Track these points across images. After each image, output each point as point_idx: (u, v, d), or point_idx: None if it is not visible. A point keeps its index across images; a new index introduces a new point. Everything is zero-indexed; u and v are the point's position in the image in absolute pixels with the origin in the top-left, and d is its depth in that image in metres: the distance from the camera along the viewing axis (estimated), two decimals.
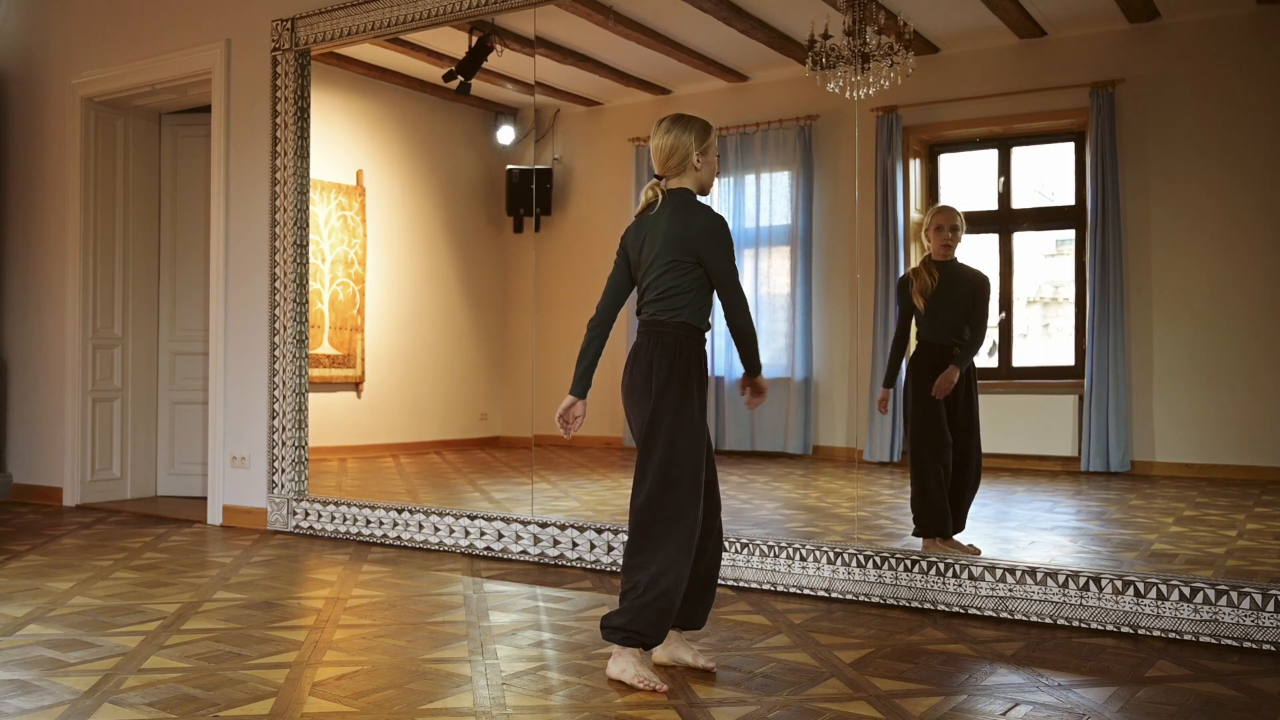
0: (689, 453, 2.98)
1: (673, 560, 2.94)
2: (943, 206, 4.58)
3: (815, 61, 4.85)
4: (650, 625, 2.94)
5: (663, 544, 2.95)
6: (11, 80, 7.19)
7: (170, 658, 3.21)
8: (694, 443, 2.99)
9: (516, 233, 6.91)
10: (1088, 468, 4.69)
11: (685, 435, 2.98)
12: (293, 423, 5.61)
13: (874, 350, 5.16)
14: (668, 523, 2.96)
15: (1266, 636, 3.30)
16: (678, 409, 2.98)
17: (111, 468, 6.84)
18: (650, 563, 2.95)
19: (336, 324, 6.47)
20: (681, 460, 2.97)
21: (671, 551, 2.94)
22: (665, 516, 2.96)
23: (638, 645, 2.96)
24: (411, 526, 5.18)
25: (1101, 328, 4.65)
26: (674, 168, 3.09)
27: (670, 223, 3.03)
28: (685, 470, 2.97)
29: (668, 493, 2.97)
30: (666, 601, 2.93)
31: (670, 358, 3.00)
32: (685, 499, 2.97)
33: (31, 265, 7.00)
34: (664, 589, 2.92)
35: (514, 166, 6.85)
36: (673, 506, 2.97)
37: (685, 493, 2.97)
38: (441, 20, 5.22)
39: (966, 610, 3.77)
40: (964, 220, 4.46)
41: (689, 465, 2.98)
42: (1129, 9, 4.55)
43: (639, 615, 2.93)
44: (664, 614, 2.94)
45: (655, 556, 2.95)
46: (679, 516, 2.96)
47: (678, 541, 2.95)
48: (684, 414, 2.99)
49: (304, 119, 5.68)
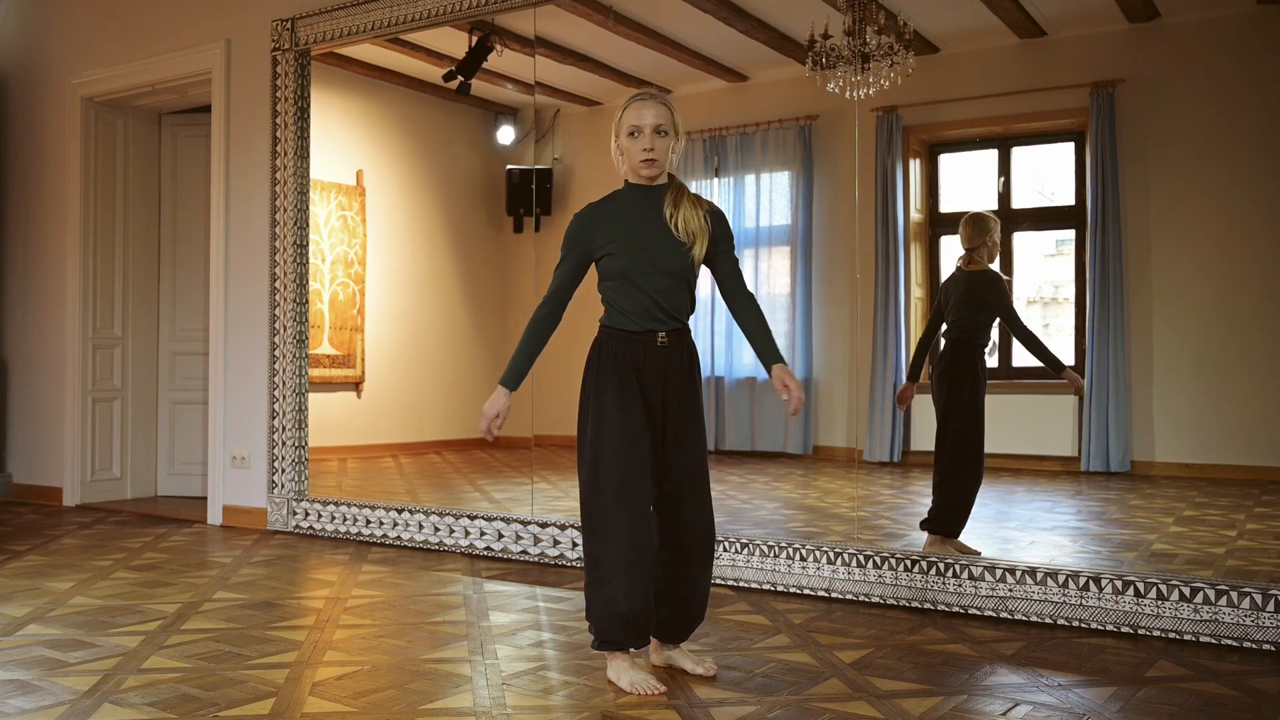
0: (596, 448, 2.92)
1: (603, 558, 2.88)
2: (966, 216, 4.59)
3: (815, 61, 4.85)
4: (607, 629, 2.90)
5: (589, 540, 2.93)
6: (11, 80, 7.19)
7: (170, 658, 3.21)
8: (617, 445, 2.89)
9: (516, 233, 6.90)
10: (1088, 468, 4.69)
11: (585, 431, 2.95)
12: (293, 423, 5.61)
13: (874, 350, 5.16)
14: (591, 531, 2.93)
15: (1266, 636, 3.30)
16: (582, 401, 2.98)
17: (111, 468, 6.84)
18: (589, 567, 2.94)
19: (336, 324, 6.47)
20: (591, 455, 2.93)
21: (599, 548, 2.89)
22: (589, 525, 2.93)
23: (612, 648, 2.93)
24: (411, 526, 5.18)
25: (1101, 328, 4.65)
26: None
27: None
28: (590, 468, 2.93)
29: (586, 490, 2.94)
30: (613, 610, 2.87)
31: (589, 359, 2.99)
32: (600, 495, 2.91)
33: (31, 265, 7.00)
34: (608, 595, 2.87)
35: (514, 166, 6.85)
36: (589, 501, 2.93)
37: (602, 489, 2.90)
38: (441, 20, 5.22)
39: (966, 610, 3.77)
40: (990, 226, 4.46)
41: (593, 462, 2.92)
42: (1129, 9, 4.54)
43: (595, 621, 2.93)
44: (617, 621, 2.88)
45: (589, 554, 2.94)
46: (604, 525, 2.89)
47: (601, 539, 2.89)
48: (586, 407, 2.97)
49: (304, 119, 5.68)
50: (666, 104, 2.95)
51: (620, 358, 2.94)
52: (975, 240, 4.48)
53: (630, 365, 2.94)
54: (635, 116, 2.93)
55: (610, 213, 3.00)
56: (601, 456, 2.90)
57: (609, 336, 2.98)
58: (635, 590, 2.87)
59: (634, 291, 2.94)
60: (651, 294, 2.93)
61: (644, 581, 2.89)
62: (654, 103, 2.93)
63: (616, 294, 2.97)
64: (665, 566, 3.00)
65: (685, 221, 2.94)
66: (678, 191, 2.99)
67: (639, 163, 2.94)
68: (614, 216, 2.98)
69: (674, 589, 3.01)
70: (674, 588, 3.01)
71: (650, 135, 2.91)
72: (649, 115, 2.91)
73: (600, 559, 2.90)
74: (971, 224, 4.52)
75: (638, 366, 2.94)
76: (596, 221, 2.99)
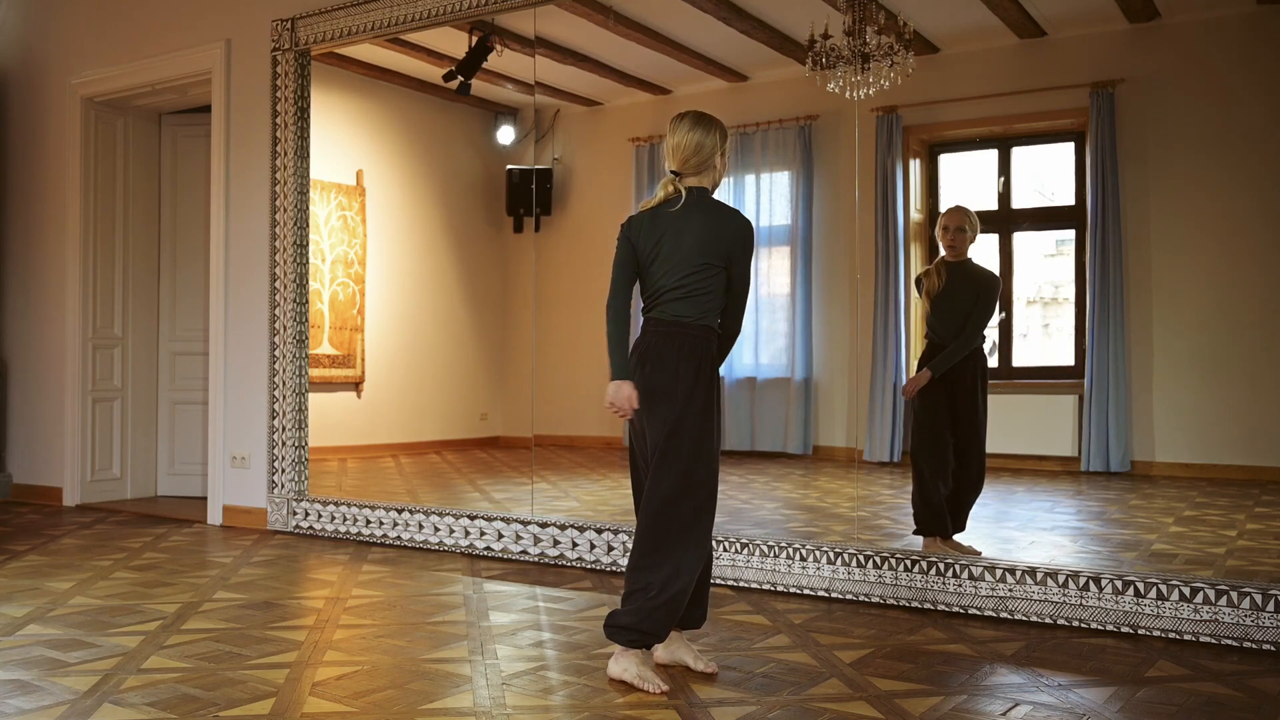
0: (712, 459, 3.01)
1: (690, 564, 2.96)
2: (953, 208, 4.58)
3: (815, 61, 4.85)
4: (659, 625, 2.95)
5: (678, 547, 2.95)
6: (11, 80, 7.19)
7: (170, 658, 3.21)
8: (717, 449, 3.02)
9: (516, 233, 6.90)
10: (1088, 468, 4.69)
11: (710, 441, 3.00)
12: (293, 423, 5.62)
13: (874, 350, 5.16)
14: (687, 526, 2.96)
15: (1266, 636, 3.30)
16: (703, 414, 2.98)
17: (111, 468, 6.84)
18: (664, 564, 2.94)
19: (336, 324, 6.47)
20: (706, 466, 2.99)
21: (690, 555, 2.96)
22: (685, 520, 2.97)
23: (643, 646, 2.96)
24: (411, 526, 5.18)
25: (1101, 328, 4.65)
26: (695, 166, 3.04)
27: (704, 224, 2.98)
28: (708, 476, 3.00)
29: (688, 497, 2.97)
30: (678, 604, 2.95)
31: (697, 361, 2.98)
32: (705, 504, 3.00)
33: (31, 265, 7.00)
34: (677, 591, 2.93)
35: (514, 166, 6.85)
36: (692, 511, 2.97)
37: (706, 499, 3.00)
38: (441, 20, 5.22)
39: (966, 610, 3.77)
40: (976, 221, 4.46)
41: (711, 471, 3.01)
42: (1129, 9, 4.54)
43: (650, 616, 2.93)
44: (673, 615, 2.96)
45: (670, 558, 2.94)
46: (698, 522, 2.98)
47: (694, 545, 2.97)
48: (708, 419, 2.99)
49: (304, 119, 5.68)
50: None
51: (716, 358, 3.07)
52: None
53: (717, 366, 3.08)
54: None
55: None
56: (707, 462, 3.00)
57: (711, 338, 3.05)
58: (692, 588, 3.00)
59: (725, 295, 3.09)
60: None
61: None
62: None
63: (721, 294, 3.05)
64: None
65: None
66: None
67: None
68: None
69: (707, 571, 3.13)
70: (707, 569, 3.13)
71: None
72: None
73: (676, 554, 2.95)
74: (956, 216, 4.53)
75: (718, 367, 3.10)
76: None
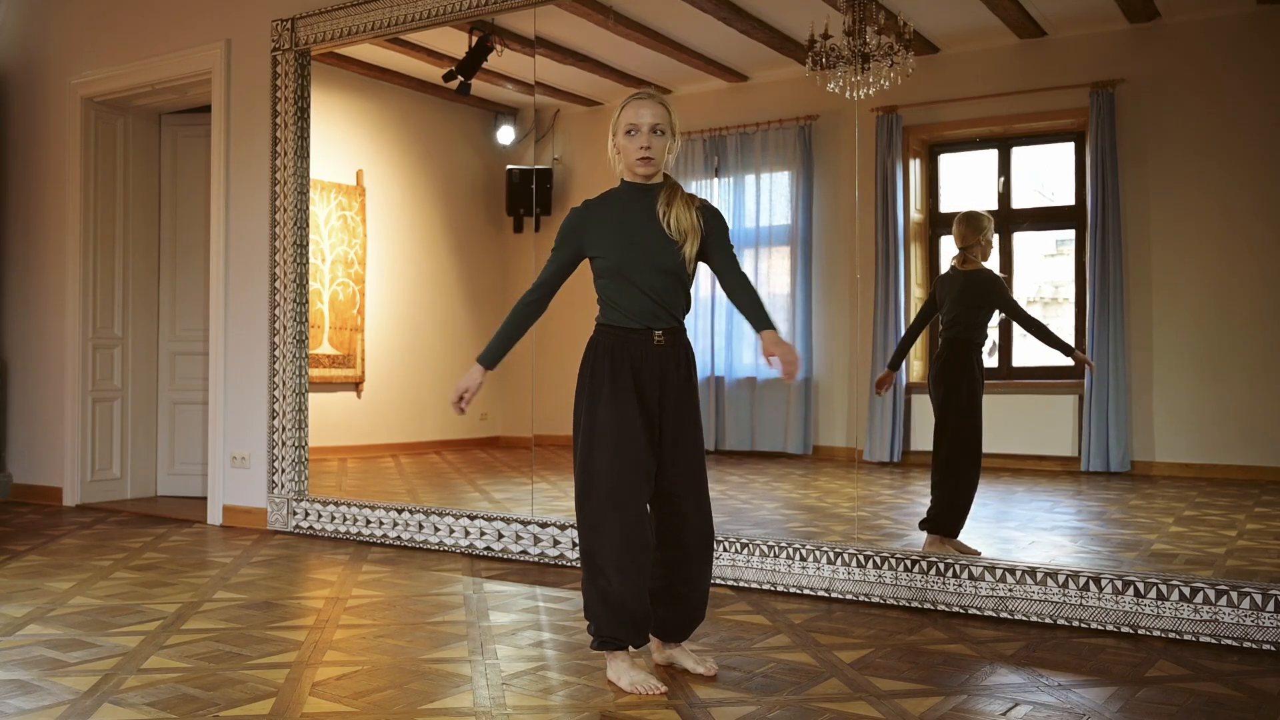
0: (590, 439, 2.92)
1: (599, 568, 2.89)
2: (960, 214, 4.59)
3: (815, 61, 4.85)
4: (607, 626, 2.90)
5: (588, 549, 2.93)
6: (11, 80, 7.19)
7: (170, 658, 3.21)
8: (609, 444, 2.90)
9: (516, 233, 6.90)
10: (1088, 468, 4.69)
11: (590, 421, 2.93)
12: (293, 423, 5.61)
13: (874, 350, 5.16)
14: (588, 528, 2.93)
15: (1266, 636, 3.30)
16: (581, 394, 2.97)
17: (111, 468, 6.83)
18: (586, 565, 2.94)
19: (336, 324, 6.47)
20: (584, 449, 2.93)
21: (597, 559, 2.90)
22: (585, 522, 2.94)
23: (612, 648, 2.93)
24: (411, 526, 5.18)
25: (1101, 328, 4.65)
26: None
27: None
28: (585, 455, 2.92)
29: (582, 499, 2.95)
30: (611, 604, 2.88)
31: (584, 358, 2.99)
32: (586, 488, 2.92)
33: (31, 265, 6.99)
34: (603, 590, 2.89)
35: (514, 166, 6.85)
36: (589, 513, 2.93)
37: (587, 481, 2.92)
38: (441, 20, 5.22)
39: (966, 610, 3.77)
40: (984, 224, 4.46)
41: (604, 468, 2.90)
42: (1129, 9, 4.54)
43: (592, 617, 2.93)
44: (615, 615, 2.89)
45: (586, 561, 2.94)
46: (597, 524, 2.91)
47: (602, 549, 2.89)
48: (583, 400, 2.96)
49: (304, 119, 5.68)
50: (664, 104, 2.97)
51: (616, 356, 2.94)
52: (969, 239, 4.49)
53: (626, 363, 2.93)
54: (633, 115, 2.94)
55: (604, 211, 3.01)
56: (594, 454, 2.91)
57: (605, 334, 2.98)
58: (629, 588, 2.88)
59: (630, 289, 2.94)
60: (647, 292, 2.93)
61: (638, 579, 2.90)
62: (652, 102, 2.95)
63: (613, 292, 2.97)
64: (663, 565, 3.01)
65: (677, 219, 2.94)
66: (671, 190, 2.99)
67: (635, 160, 2.95)
68: (608, 214, 2.99)
69: (672, 588, 3.01)
70: (672, 586, 3.01)
71: (647, 134, 2.92)
72: (646, 114, 2.93)
73: (593, 556, 2.91)
74: (965, 222, 4.52)
75: (634, 365, 2.94)
76: (590, 219, 3.00)
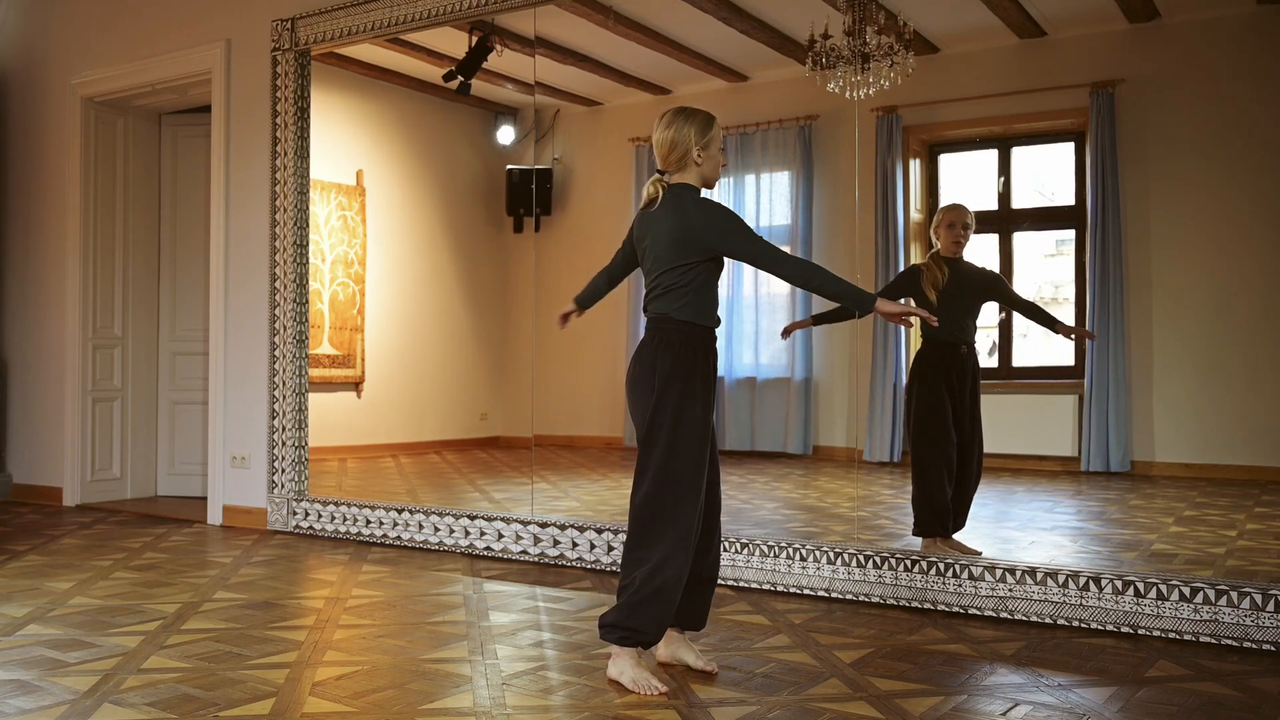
0: (689, 450, 2.95)
1: (669, 556, 2.91)
2: (955, 204, 4.57)
3: (815, 61, 4.85)
4: (646, 622, 2.92)
5: (659, 540, 2.93)
6: (11, 80, 7.19)
7: (170, 658, 3.21)
8: (695, 440, 2.96)
9: (516, 233, 6.90)
10: (1088, 468, 4.69)
11: (686, 432, 2.96)
12: (293, 423, 5.61)
13: (874, 350, 5.16)
14: (665, 519, 2.94)
15: (1266, 636, 3.30)
16: (679, 405, 2.96)
17: (111, 468, 6.84)
18: (646, 559, 2.93)
19: (336, 324, 6.47)
20: (682, 457, 2.95)
21: (668, 547, 2.92)
22: (663, 513, 2.94)
23: (634, 644, 2.94)
24: (411, 526, 5.18)
25: (1101, 328, 4.65)
26: (675, 162, 3.05)
27: (669, 222, 3.00)
28: (685, 467, 2.95)
29: (666, 489, 2.95)
30: (663, 598, 2.91)
31: (674, 354, 2.97)
32: (684, 496, 2.95)
33: (31, 265, 7.00)
34: (659, 585, 2.90)
35: (514, 166, 6.85)
36: (671, 503, 2.94)
37: (684, 489, 2.95)
38: (441, 20, 5.22)
39: (966, 610, 3.77)
40: (974, 219, 4.47)
41: (689, 462, 2.95)
42: (1129, 9, 4.55)
43: (634, 612, 2.92)
44: (660, 610, 2.92)
45: (651, 552, 2.93)
46: (677, 513, 2.94)
47: (675, 538, 2.93)
48: (686, 410, 2.96)
49: (304, 119, 5.68)
50: None
51: (709, 353, 3.04)
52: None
53: (709, 362, 3.04)
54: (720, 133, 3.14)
55: None
56: (680, 449, 2.96)
57: (693, 332, 3.02)
58: (680, 584, 2.95)
59: (715, 287, 3.07)
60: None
61: (685, 576, 2.97)
62: None
63: (708, 288, 3.04)
64: (701, 553, 3.08)
65: None
66: None
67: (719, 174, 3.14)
68: None
69: (708, 572, 3.11)
70: (703, 572, 3.09)
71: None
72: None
73: (657, 547, 2.93)
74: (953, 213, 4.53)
75: (712, 362, 3.05)
76: None
